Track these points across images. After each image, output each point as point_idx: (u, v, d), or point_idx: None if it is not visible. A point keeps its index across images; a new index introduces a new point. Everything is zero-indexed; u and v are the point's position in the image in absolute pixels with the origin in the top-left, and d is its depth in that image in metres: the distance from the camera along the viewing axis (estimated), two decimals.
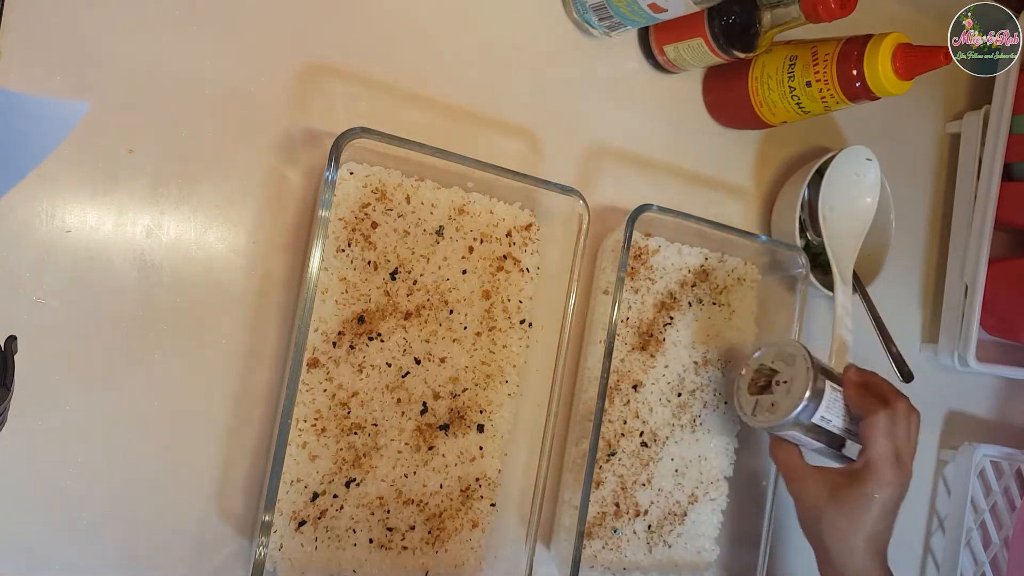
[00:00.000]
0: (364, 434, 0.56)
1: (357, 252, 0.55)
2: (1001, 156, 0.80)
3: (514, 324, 0.60)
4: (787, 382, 0.60)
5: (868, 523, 0.57)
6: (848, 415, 0.60)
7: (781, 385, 0.61)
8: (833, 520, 0.58)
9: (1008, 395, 0.91)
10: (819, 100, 0.63)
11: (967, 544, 0.82)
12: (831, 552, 0.58)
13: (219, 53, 0.53)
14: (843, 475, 0.59)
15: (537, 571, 0.58)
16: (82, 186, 0.50)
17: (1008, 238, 0.88)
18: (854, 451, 0.61)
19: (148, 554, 0.51)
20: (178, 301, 0.52)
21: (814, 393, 0.58)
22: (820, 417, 0.59)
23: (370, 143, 0.52)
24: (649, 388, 0.65)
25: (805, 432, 0.60)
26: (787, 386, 0.60)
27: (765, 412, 0.61)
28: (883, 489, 0.57)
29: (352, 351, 0.55)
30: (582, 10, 0.63)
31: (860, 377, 0.61)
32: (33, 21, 0.49)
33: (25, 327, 0.47)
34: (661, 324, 0.66)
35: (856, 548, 0.57)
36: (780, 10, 0.59)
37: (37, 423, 0.49)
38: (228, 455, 0.53)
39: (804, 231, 0.72)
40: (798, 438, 0.61)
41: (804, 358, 0.60)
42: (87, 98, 0.49)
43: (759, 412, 0.61)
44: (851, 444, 0.61)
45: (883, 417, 0.57)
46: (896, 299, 0.82)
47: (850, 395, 0.60)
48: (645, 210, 0.60)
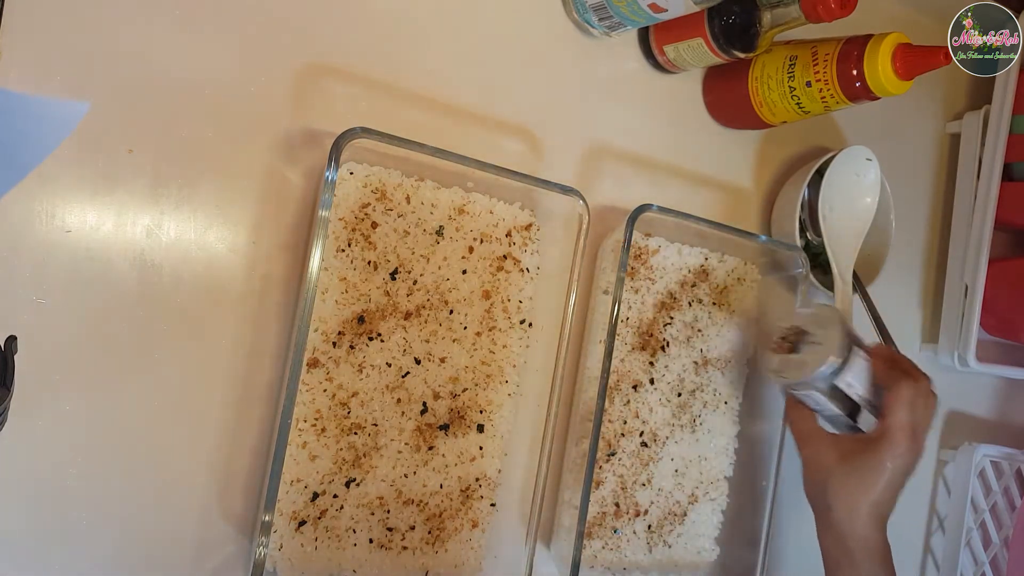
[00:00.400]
0: (364, 434, 0.56)
1: (357, 252, 0.55)
2: (1001, 156, 0.79)
3: (514, 324, 0.60)
4: (818, 343, 0.60)
5: (876, 489, 0.57)
6: (871, 386, 0.60)
7: (811, 345, 0.61)
8: (842, 482, 0.58)
9: (1008, 395, 0.91)
10: (819, 100, 0.63)
11: (967, 544, 0.82)
12: (835, 514, 0.58)
13: (219, 53, 0.53)
14: (857, 442, 0.60)
15: (537, 571, 0.58)
16: (82, 186, 0.50)
17: (1008, 238, 0.88)
18: (867, 424, 0.61)
19: (148, 554, 0.51)
20: (178, 301, 0.52)
21: (843, 354, 0.59)
22: (846, 381, 0.59)
23: (370, 143, 0.52)
24: (649, 388, 0.65)
25: (826, 394, 0.60)
26: (817, 346, 0.60)
27: (792, 368, 0.61)
28: (896, 459, 0.57)
29: (352, 351, 0.55)
30: (582, 10, 0.63)
31: (889, 352, 0.62)
32: (33, 21, 0.49)
33: (25, 327, 0.47)
34: (661, 324, 0.66)
35: (860, 512, 0.58)
36: (780, 10, 0.59)
37: (37, 423, 0.49)
38: (228, 455, 0.53)
39: (804, 231, 0.72)
40: (817, 399, 0.61)
41: (838, 324, 0.60)
42: (87, 98, 0.49)
43: (785, 368, 0.62)
44: (865, 416, 0.61)
45: (907, 388, 0.58)
46: (896, 299, 0.82)
47: (878, 365, 0.60)
48: (645, 210, 0.60)
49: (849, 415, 0.62)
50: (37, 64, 0.49)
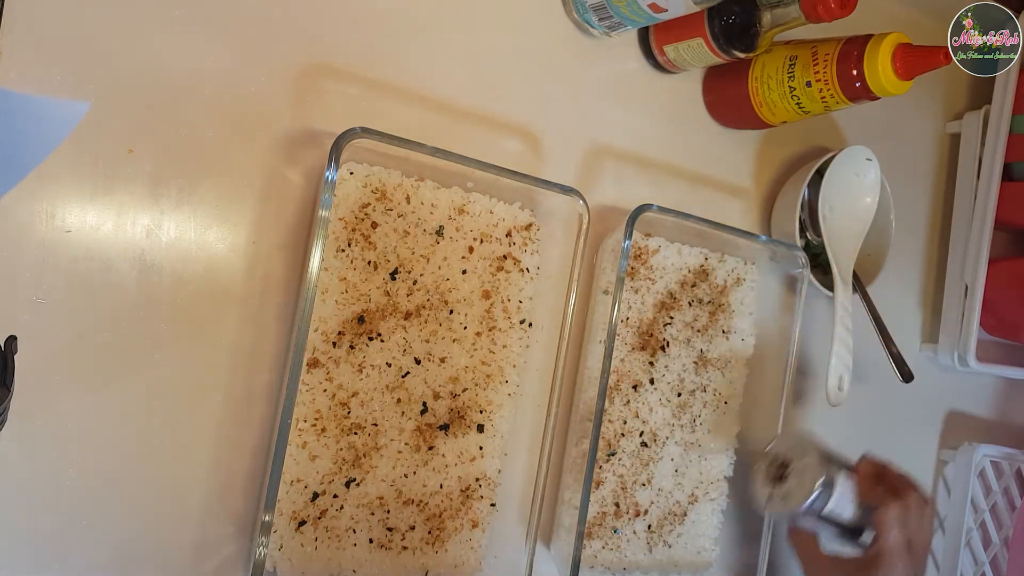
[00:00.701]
0: (364, 434, 0.56)
1: (357, 252, 0.55)
2: (1001, 156, 0.79)
3: (514, 324, 0.60)
4: (800, 473, 0.60)
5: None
6: (859, 508, 0.60)
7: (794, 476, 0.61)
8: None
9: (1008, 395, 0.91)
10: (819, 100, 0.63)
11: (967, 544, 0.82)
12: None
13: (219, 53, 0.53)
14: (856, 564, 0.59)
15: (537, 571, 0.59)
16: (82, 186, 0.50)
17: (1008, 238, 0.88)
18: (871, 538, 0.60)
19: (148, 554, 0.51)
20: (178, 301, 0.52)
21: (825, 485, 0.59)
22: (831, 508, 0.59)
23: (370, 143, 0.52)
24: (649, 388, 0.65)
25: (819, 521, 0.60)
26: (799, 477, 0.60)
27: (779, 502, 0.61)
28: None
29: (352, 351, 0.55)
30: (582, 10, 0.63)
31: (873, 468, 0.61)
32: (33, 21, 0.49)
33: (25, 327, 0.47)
34: (661, 324, 0.66)
35: None
36: (780, 10, 0.59)
37: (37, 423, 0.49)
38: (228, 455, 0.53)
39: (804, 231, 0.72)
40: (815, 525, 0.61)
41: (815, 450, 0.60)
42: (87, 98, 0.49)
43: (773, 503, 0.62)
44: (868, 531, 0.61)
45: (895, 508, 0.58)
46: (896, 299, 0.82)
47: (863, 485, 0.60)
48: (645, 210, 0.60)
49: (849, 534, 0.61)
50: (37, 64, 0.49)
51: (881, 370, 0.75)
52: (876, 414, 0.81)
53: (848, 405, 0.70)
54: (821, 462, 0.60)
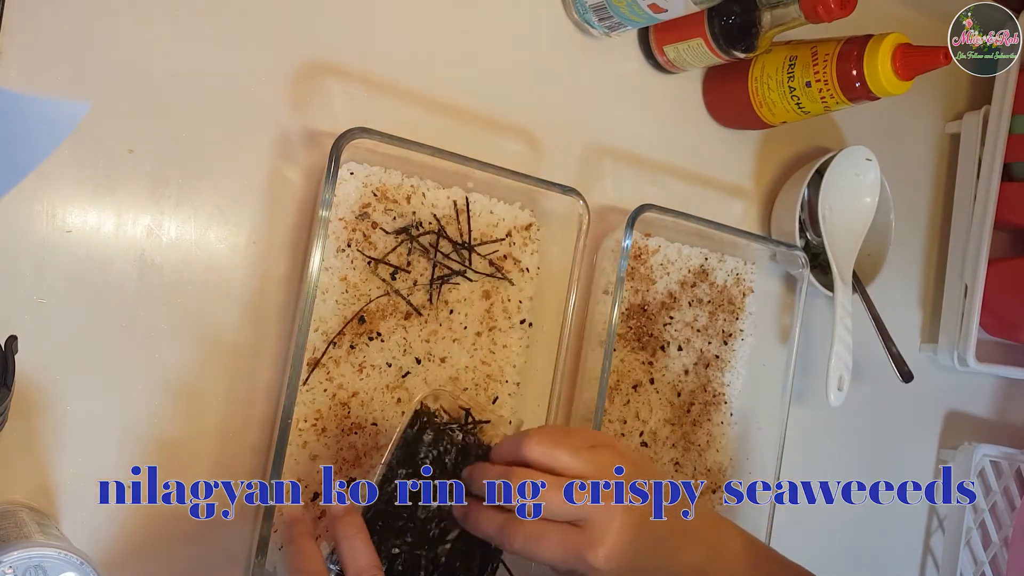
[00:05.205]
0: (364, 434, 0.56)
1: (357, 252, 0.55)
2: (1001, 156, 0.79)
3: (514, 324, 0.60)
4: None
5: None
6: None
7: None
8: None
9: (1008, 395, 0.91)
10: (819, 100, 0.63)
11: (967, 544, 0.82)
12: None
13: (219, 53, 0.53)
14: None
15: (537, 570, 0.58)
16: (82, 186, 0.50)
17: (1008, 238, 0.88)
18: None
19: (148, 554, 0.51)
20: (178, 301, 0.52)
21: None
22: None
23: (370, 143, 0.52)
24: (649, 388, 0.65)
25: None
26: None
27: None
28: None
29: (352, 351, 0.55)
30: (582, 10, 0.63)
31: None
32: (33, 21, 0.49)
33: (25, 327, 0.47)
34: (661, 324, 0.66)
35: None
36: (780, 10, 0.59)
37: (37, 423, 0.49)
38: (229, 455, 0.53)
39: (804, 231, 0.72)
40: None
41: None
42: (87, 98, 0.49)
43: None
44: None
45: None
46: (896, 299, 0.82)
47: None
48: (645, 210, 0.60)
49: None
50: (37, 64, 0.49)
51: (881, 370, 0.75)
52: (876, 414, 0.81)
53: (848, 405, 0.70)
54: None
